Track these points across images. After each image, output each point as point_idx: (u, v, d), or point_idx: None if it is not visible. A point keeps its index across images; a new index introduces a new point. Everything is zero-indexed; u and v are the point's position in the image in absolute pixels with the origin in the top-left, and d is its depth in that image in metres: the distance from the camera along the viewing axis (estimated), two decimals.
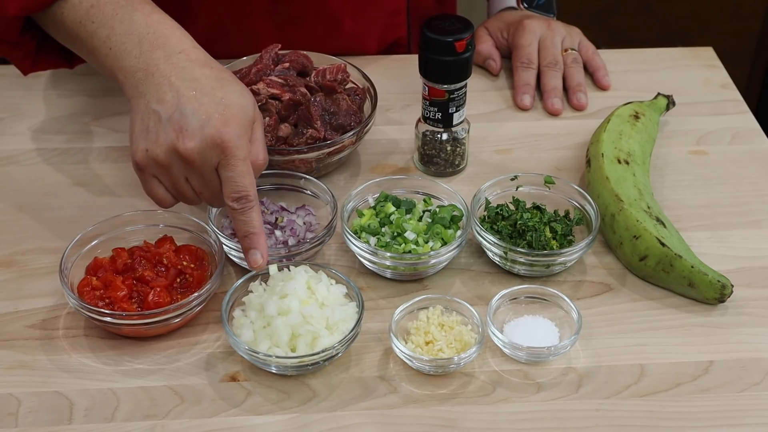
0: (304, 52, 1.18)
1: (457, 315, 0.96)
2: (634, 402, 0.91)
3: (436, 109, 1.10)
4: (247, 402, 0.90)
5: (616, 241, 1.04)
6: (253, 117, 0.95)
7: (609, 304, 1.00)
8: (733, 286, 0.98)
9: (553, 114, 1.26)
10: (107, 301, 0.94)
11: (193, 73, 0.93)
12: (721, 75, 1.35)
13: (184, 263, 0.98)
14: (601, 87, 1.31)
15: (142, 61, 0.94)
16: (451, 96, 1.09)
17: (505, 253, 1.00)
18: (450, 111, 1.10)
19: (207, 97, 0.92)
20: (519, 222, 1.02)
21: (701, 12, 2.46)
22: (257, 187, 1.08)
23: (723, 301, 0.99)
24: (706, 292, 0.98)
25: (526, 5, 1.37)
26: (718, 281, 0.98)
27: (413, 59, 1.16)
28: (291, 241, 1.03)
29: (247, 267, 1.02)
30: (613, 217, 1.04)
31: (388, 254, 0.98)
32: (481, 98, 1.29)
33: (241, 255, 1.00)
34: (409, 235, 1.01)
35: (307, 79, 1.16)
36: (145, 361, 0.94)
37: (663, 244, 0.99)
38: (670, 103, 1.22)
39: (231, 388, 0.92)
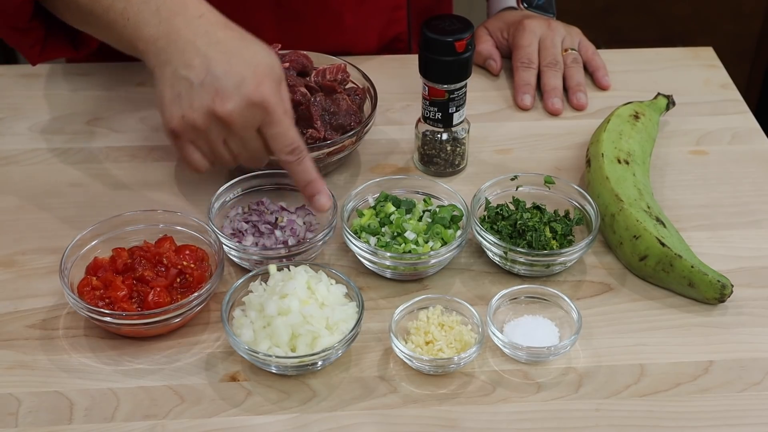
0: (304, 52, 1.18)
1: (457, 315, 0.96)
2: (634, 402, 0.91)
3: (436, 109, 1.10)
4: (247, 402, 0.90)
5: (616, 241, 1.04)
6: (280, 76, 0.95)
7: (609, 304, 1.00)
8: (733, 286, 0.98)
9: (553, 114, 1.26)
10: (107, 301, 0.94)
11: (216, 36, 0.93)
12: (721, 75, 1.35)
13: (184, 263, 0.98)
14: (601, 87, 1.31)
15: (162, 29, 0.93)
16: (451, 96, 1.09)
17: (505, 253, 1.00)
18: (450, 111, 1.10)
19: (236, 58, 0.92)
20: (519, 222, 1.02)
21: (701, 12, 2.46)
22: (258, 187, 1.09)
23: (723, 301, 0.99)
24: (706, 292, 0.98)
25: (525, 5, 1.37)
26: (718, 281, 0.98)
27: (413, 59, 1.16)
28: (291, 241, 1.03)
29: (247, 268, 1.02)
30: (613, 217, 1.04)
31: (388, 254, 0.98)
32: (481, 98, 1.29)
33: (241, 255, 1.00)
34: (409, 235, 1.01)
35: (307, 79, 1.16)
36: (145, 361, 0.94)
37: (663, 244, 0.99)
38: (670, 103, 1.22)
39: (231, 388, 0.92)
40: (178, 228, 1.03)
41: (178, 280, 0.97)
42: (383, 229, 1.03)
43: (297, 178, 0.96)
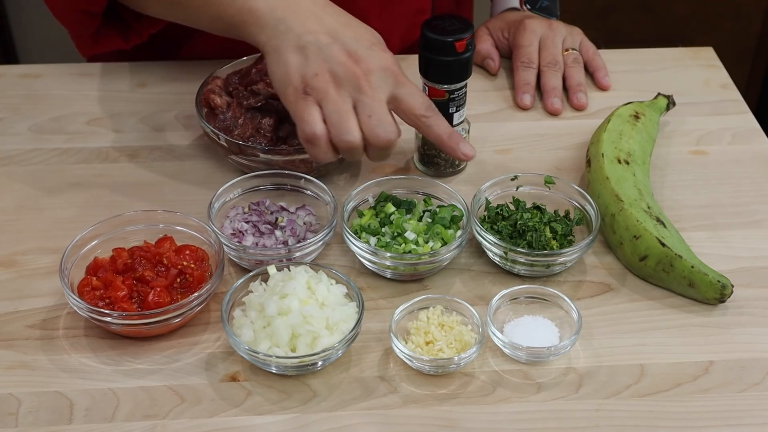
0: None
1: (457, 315, 0.96)
2: (634, 402, 0.91)
3: None
4: (247, 402, 0.90)
5: (616, 241, 1.04)
6: None
7: (609, 304, 1.00)
8: (733, 286, 0.98)
9: (553, 114, 1.26)
10: (107, 301, 0.94)
11: (335, 8, 0.98)
12: (721, 75, 1.35)
13: (184, 263, 0.98)
14: (601, 87, 1.31)
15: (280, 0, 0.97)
16: (451, 96, 1.09)
17: (505, 253, 1.00)
18: (450, 111, 1.10)
19: (361, 28, 0.97)
20: (519, 222, 1.02)
21: (701, 12, 2.46)
22: (258, 187, 1.09)
23: (723, 301, 0.99)
24: (707, 292, 0.98)
25: (528, 7, 1.37)
26: (718, 281, 0.98)
27: (413, 59, 1.16)
28: (291, 241, 1.03)
29: (247, 268, 1.02)
30: (614, 217, 1.04)
31: (388, 254, 0.98)
32: (481, 98, 1.29)
33: (240, 255, 1.00)
34: (409, 235, 1.01)
35: None
36: (145, 361, 0.94)
37: (663, 244, 0.99)
38: (670, 103, 1.22)
39: (231, 388, 0.92)
40: (178, 228, 1.03)
41: (178, 280, 0.98)
42: (383, 229, 1.03)
43: (436, 132, 1.00)
